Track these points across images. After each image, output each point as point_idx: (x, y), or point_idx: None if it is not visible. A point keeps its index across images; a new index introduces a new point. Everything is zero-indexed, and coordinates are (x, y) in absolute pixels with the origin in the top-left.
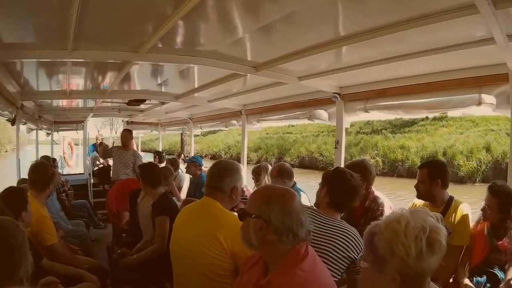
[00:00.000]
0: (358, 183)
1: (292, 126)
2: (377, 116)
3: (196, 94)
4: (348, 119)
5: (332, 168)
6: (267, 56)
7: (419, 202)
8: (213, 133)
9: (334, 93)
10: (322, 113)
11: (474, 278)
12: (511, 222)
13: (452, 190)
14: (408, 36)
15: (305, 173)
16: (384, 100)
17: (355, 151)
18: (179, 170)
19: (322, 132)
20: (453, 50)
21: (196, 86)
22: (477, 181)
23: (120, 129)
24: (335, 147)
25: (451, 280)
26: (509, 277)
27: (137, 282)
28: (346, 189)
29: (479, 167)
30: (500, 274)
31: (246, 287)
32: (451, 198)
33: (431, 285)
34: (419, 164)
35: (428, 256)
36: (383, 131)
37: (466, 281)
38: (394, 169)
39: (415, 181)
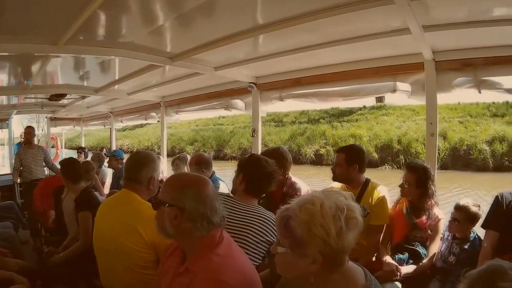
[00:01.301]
0: (274, 169)
1: (223, 117)
2: (292, 105)
3: (116, 87)
4: (264, 108)
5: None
6: (183, 47)
7: (337, 185)
8: (141, 126)
9: (250, 82)
10: (239, 102)
11: (396, 256)
12: (428, 199)
13: None
14: (324, 26)
15: None
16: (299, 89)
17: (301, 140)
18: (104, 165)
19: None
20: (369, 40)
21: (116, 79)
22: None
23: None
24: (252, 136)
25: (374, 259)
26: (431, 253)
27: (67, 280)
28: (261, 175)
29: (438, 155)
30: (422, 250)
31: (167, 276)
32: (367, 181)
33: (349, 263)
34: (374, 153)
35: (347, 234)
36: (321, 120)
37: (388, 258)
38: None
39: (369, 170)
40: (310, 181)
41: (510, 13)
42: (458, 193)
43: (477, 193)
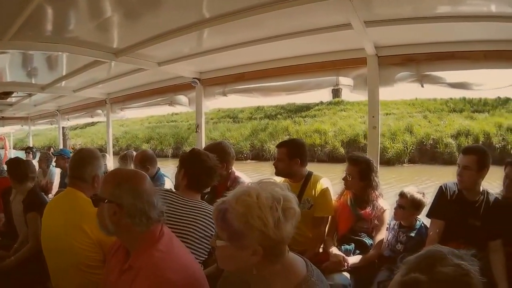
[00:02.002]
0: (215, 163)
1: (176, 114)
2: (235, 100)
3: (63, 84)
4: (208, 104)
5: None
6: (128, 42)
7: (279, 179)
8: (92, 125)
9: (194, 78)
10: (182, 98)
11: (343, 246)
12: (373, 190)
13: (381, 171)
14: (267, 20)
15: None
16: (242, 84)
17: (264, 136)
18: (52, 165)
19: (212, 119)
20: (311, 35)
21: (63, 75)
22: (405, 162)
23: None
24: (196, 131)
25: (321, 250)
26: (377, 242)
27: (21, 285)
28: (203, 169)
29: (405, 149)
30: (367, 241)
31: (112, 275)
32: (310, 174)
33: (290, 254)
34: (340, 148)
35: (285, 224)
36: (278, 116)
37: (335, 250)
38: (313, 154)
39: (337, 165)
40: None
41: (454, 10)
42: (430, 185)
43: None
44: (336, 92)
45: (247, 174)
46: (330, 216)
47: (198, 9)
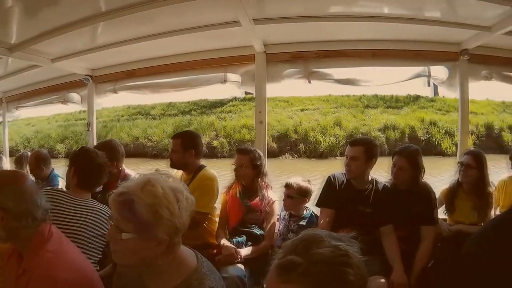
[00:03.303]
0: (104, 161)
1: (84, 111)
2: (126, 97)
3: None
4: (99, 101)
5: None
6: (22, 36)
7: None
8: None
9: (86, 75)
10: (75, 96)
11: (234, 239)
12: (262, 181)
13: (316, 165)
14: (157, 16)
15: (133, 162)
16: (132, 81)
17: None
18: None
19: (122, 116)
20: (201, 31)
21: None
22: (337, 155)
23: None
24: (87, 129)
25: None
26: (268, 233)
27: None
28: (92, 167)
29: (337, 142)
30: (258, 232)
31: (9, 281)
32: (201, 167)
33: (181, 246)
34: (272, 143)
35: (186, 214)
36: (192, 112)
37: (226, 242)
38: None
39: (270, 160)
40: None
41: (346, 10)
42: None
43: (380, 174)
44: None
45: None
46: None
47: (93, 3)
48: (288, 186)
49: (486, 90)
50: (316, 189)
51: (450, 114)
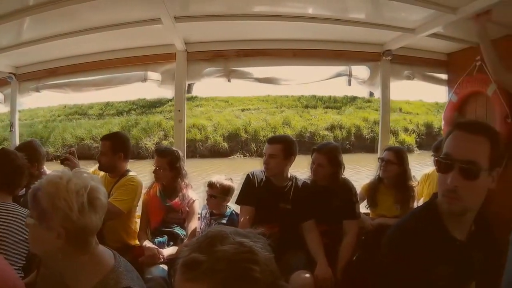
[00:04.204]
0: (23, 162)
1: (19, 111)
2: (49, 96)
3: None
4: (22, 100)
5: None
6: None
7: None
8: None
9: (9, 73)
10: None
11: (156, 239)
12: (182, 181)
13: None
14: (78, 12)
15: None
16: (55, 79)
17: (137, 133)
18: None
19: (59, 116)
20: (121, 29)
21: None
22: None
23: None
24: (10, 130)
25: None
26: (189, 232)
27: None
28: (11, 169)
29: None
30: (180, 231)
31: None
32: (128, 171)
33: (99, 246)
34: (222, 142)
35: (90, 213)
36: (131, 112)
37: (148, 243)
38: (194, 150)
39: (222, 160)
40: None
41: (269, 10)
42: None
43: None
44: (188, 87)
45: None
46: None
47: None
48: (211, 185)
49: (418, 91)
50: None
51: (391, 114)
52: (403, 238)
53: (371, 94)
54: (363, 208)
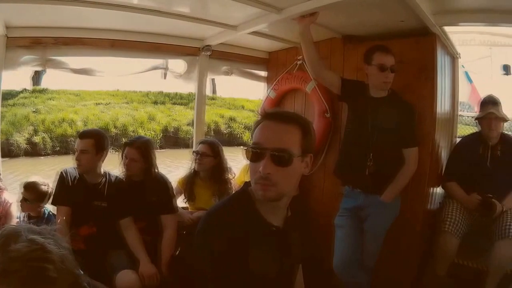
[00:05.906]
0: None
1: None
2: None
3: None
4: None
5: None
6: None
7: None
8: None
9: None
10: None
11: None
12: None
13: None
14: None
15: None
16: None
17: (5, 127)
18: None
19: None
20: None
21: None
22: (158, 147)
23: None
24: None
25: None
26: None
27: None
28: None
29: (156, 136)
30: None
31: None
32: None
33: None
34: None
35: None
36: None
37: None
38: (67, 146)
39: None
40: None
41: None
42: (177, 166)
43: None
44: (36, 80)
45: None
46: None
47: None
48: (27, 188)
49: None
50: None
51: (241, 111)
52: (213, 222)
53: (214, 91)
54: (182, 202)
